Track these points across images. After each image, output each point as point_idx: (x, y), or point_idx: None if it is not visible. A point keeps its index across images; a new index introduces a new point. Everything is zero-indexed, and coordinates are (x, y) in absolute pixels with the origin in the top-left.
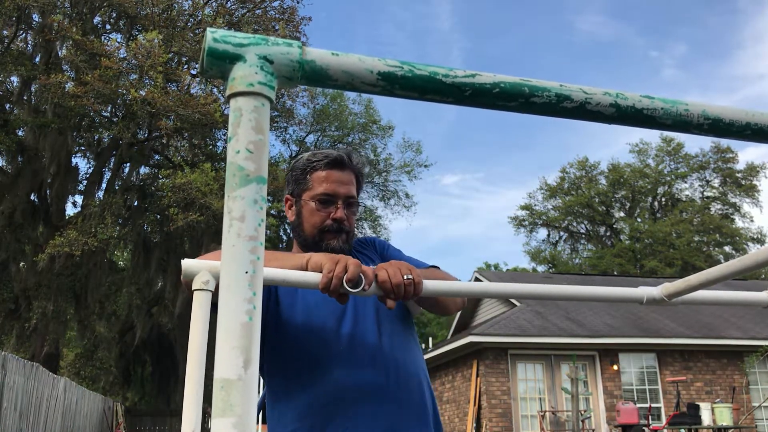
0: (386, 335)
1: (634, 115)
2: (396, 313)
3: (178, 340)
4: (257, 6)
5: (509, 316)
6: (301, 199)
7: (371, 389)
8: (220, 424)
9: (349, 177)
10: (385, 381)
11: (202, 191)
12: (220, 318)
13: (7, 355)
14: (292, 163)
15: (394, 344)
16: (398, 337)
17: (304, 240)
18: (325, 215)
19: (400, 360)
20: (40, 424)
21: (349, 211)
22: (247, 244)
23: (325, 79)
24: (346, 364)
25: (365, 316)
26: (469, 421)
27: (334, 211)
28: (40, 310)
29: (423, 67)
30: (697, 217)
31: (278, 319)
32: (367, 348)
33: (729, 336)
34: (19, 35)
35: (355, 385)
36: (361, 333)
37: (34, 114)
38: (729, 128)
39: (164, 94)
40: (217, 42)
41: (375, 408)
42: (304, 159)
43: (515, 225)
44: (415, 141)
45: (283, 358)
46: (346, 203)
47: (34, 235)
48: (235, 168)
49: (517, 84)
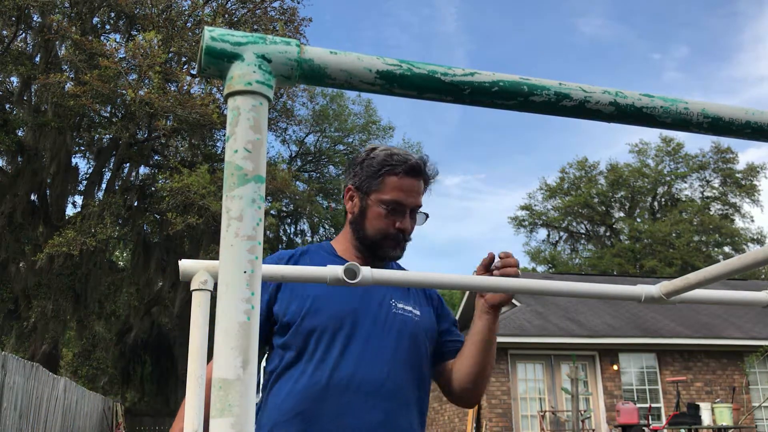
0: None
1: (634, 113)
2: (422, 338)
3: (178, 340)
4: (257, 6)
5: (509, 316)
6: (369, 198)
7: (368, 385)
8: (218, 424)
9: (420, 186)
10: (383, 381)
11: (200, 194)
12: (218, 318)
13: (7, 355)
14: (365, 154)
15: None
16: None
17: (363, 238)
18: (391, 223)
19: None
20: (40, 424)
21: (415, 222)
22: (245, 243)
23: (323, 77)
24: (355, 358)
25: (387, 324)
26: (469, 421)
27: (400, 221)
28: (39, 309)
29: (422, 65)
30: (697, 218)
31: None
32: (380, 352)
33: (729, 336)
34: (19, 35)
35: (354, 378)
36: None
37: (34, 114)
38: (729, 127)
39: (162, 95)
40: (215, 41)
41: (369, 401)
42: (381, 157)
43: (515, 225)
44: (415, 142)
45: (302, 337)
46: (413, 213)
47: (34, 235)
48: (233, 167)
49: (516, 82)
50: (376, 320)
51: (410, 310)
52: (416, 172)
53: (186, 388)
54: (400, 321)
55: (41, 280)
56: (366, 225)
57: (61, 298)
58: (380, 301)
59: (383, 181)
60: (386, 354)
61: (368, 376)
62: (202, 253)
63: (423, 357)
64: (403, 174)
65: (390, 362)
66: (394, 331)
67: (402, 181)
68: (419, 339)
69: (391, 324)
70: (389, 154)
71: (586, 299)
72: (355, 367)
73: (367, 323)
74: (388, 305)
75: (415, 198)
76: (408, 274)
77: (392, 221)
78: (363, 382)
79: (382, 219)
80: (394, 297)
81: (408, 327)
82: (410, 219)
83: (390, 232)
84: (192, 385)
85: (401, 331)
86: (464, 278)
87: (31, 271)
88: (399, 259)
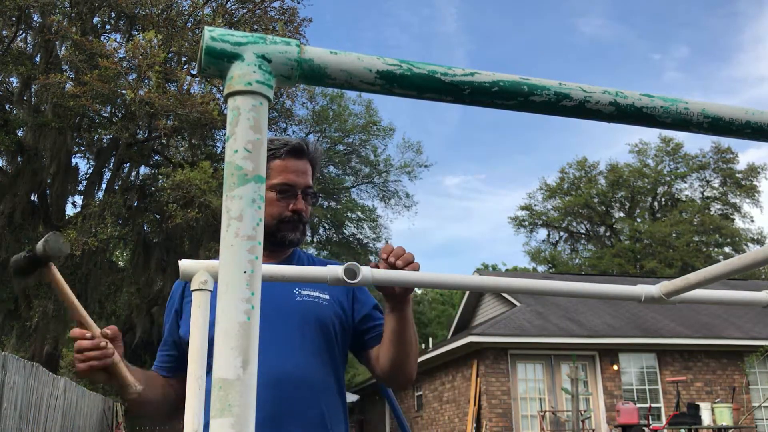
0: (307, 337)
1: (634, 113)
2: (330, 321)
3: None
4: (257, 6)
5: (509, 317)
6: None
7: (274, 376)
8: (218, 424)
9: (306, 166)
10: (290, 370)
11: (201, 188)
12: (218, 318)
13: (7, 355)
14: None
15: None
16: (319, 340)
17: None
18: (284, 206)
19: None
20: (40, 424)
21: (308, 202)
22: (245, 243)
23: (323, 77)
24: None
25: (291, 312)
26: (469, 421)
27: (293, 203)
28: (40, 309)
29: (422, 65)
30: (697, 218)
31: None
32: (285, 341)
33: (729, 336)
34: (19, 35)
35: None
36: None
37: (34, 114)
38: (728, 127)
39: (162, 94)
40: (215, 41)
41: (276, 392)
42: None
43: (515, 225)
44: (415, 142)
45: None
46: (304, 194)
47: (34, 235)
48: (233, 167)
49: (516, 82)
50: (279, 310)
51: (316, 296)
52: (298, 153)
53: (186, 388)
54: (303, 307)
55: (41, 280)
56: None
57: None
58: (283, 292)
59: (269, 166)
60: (293, 342)
61: (274, 368)
62: (202, 250)
63: (332, 341)
64: (286, 155)
65: (296, 350)
66: (297, 318)
67: (286, 162)
68: (326, 322)
69: (294, 311)
70: (270, 140)
71: (586, 299)
72: (261, 359)
73: (270, 315)
74: (291, 294)
75: (304, 178)
76: (408, 275)
77: (285, 204)
78: (268, 373)
79: (275, 204)
80: (299, 286)
81: (312, 312)
82: (304, 201)
83: (285, 215)
84: (192, 386)
85: (305, 317)
86: (464, 278)
87: None
88: (299, 243)
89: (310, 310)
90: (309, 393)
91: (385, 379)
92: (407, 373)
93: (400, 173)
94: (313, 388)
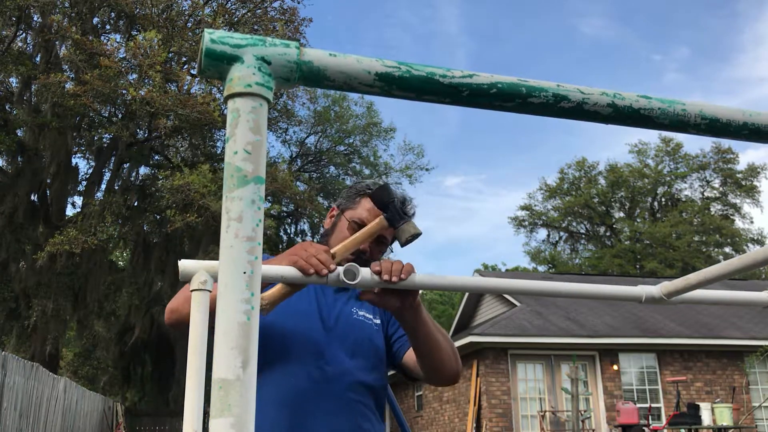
0: (356, 359)
1: (631, 114)
2: (372, 347)
3: (178, 340)
4: (257, 6)
5: (509, 317)
6: (343, 214)
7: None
8: (218, 424)
9: None
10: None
11: (200, 192)
12: (218, 318)
13: (7, 355)
14: (355, 182)
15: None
16: (365, 362)
17: None
18: None
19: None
20: (40, 424)
21: (376, 249)
22: (245, 244)
23: (322, 79)
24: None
25: (347, 334)
26: (469, 421)
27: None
28: (40, 308)
29: (420, 67)
30: (697, 218)
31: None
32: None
33: (729, 336)
34: (19, 35)
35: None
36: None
37: (34, 114)
38: (726, 128)
39: (163, 94)
40: (215, 43)
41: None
42: (365, 184)
43: (515, 225)
44: (416, 144)
45: (271, 347)
46: (377, 239)
47: (34, 235)
48: (233, 169)
49: (515, 84)
50: (339, 321)
51: (370, 317)
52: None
53: (186, 388)
54: (360, 326)
55: (41, 280)
56: (331, 238)
57: (62, 297)
58: (344, 307)
59: (359, 201)
60: (352, 353)
61: (331, 366)
62: (202, 254)
63: (380, 364)
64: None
65: (352, 360)
66: (355, 334)
67: (373, 206)
68: (377, 344)
69: (354, 327)
70: (374, 182)
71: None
72: (320, 359)
73: (332, 324)
74: (350, 311)
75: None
76: (408, 280)
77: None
78: (325, 369)
79: (345, 233)
80: (356, 305)
81: (367, 333)
82: (373, 245)
83: None
84: (192, 385)
85: (361, 335)
86: (464, 279)
87: (32, 270)
88: None
89: (365, 331)
90: (367, 409)
91: (430, 381)
92: (449, 369)
93: (400, 176)
94: (369, 404)
